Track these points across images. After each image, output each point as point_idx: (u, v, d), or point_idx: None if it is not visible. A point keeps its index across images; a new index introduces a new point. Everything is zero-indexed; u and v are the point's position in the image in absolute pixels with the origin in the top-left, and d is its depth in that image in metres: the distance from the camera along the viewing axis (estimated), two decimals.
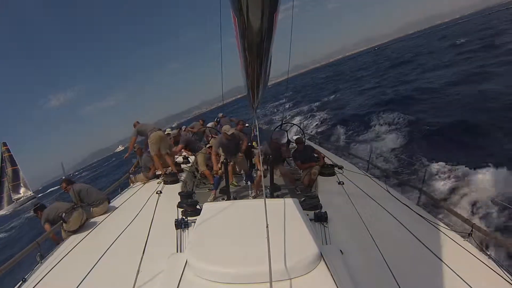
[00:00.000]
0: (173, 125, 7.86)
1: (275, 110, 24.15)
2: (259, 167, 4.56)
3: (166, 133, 6.90)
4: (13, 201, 36.92)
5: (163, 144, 5.29)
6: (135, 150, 5.59)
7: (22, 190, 38.58)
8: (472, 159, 6.54)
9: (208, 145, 6.04)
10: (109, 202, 4.15)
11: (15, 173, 38.53)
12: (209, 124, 7.97)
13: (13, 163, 38.74)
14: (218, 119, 8.16)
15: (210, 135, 7.20)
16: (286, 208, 2.41)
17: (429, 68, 18.81)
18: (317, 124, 15.28)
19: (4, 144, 38.40)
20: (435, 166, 6.86)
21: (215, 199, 4.69)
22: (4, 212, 35.04)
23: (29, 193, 38.77)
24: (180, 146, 5.77)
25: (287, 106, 22.96)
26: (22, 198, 37.57)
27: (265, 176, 4.38)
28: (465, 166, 6.32)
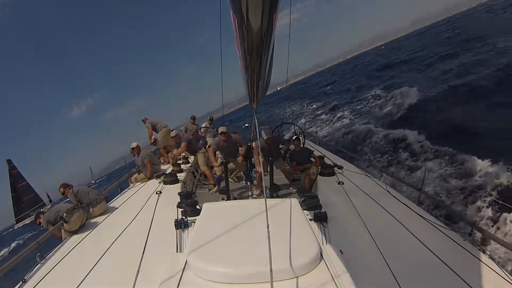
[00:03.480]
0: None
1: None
2: (258, 164, 4.56)
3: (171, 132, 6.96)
4: (31, 214, 37.65)
5: (168, 139, 6.50)
6: (134, 147, 5.56)
7: (35, 201, 39.12)
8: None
9: (208, 145, 6.05)
10: (107, 202, 4.15)
11: (26, 188, 39.15)
12: (204, 124, 8.01)
13: (21, 179, 39.40)
14: (211, 117, 8.29)
15: (204, 133, 7.27)
16: (286, 208, 2.41)
17: None
18: None
19: (9, 162, 39.17)
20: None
21: (216, 192, 4.95)
22: (21, 225, 35.54)
23: (47, 206, 39.37)
24: (183, 144, 5.69)
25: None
26: (41, 209, 37.85)
27: (264, 173, 4.38)
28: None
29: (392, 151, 8.94)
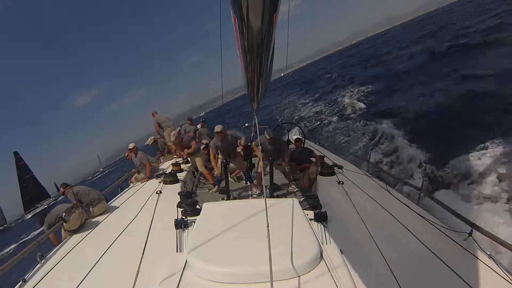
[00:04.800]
0: (194, 118, 8.08)
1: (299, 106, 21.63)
2: (258, 155, 4.57)
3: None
4: (37, 206, 37.62)
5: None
6: (131, 148, 5.56)
7: (40, 193, 39.31)
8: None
9: (203, 147, 6.05)
10: (107, 201, 4.16)
11: (31, 180, 39.42)
12: (197, 126, 8.05)
13: (28, 171, 39.69)
14: (203, 119, 8.35)
15: (198, 137, 7.31)
16: (286, 208, 2.41)
17: None
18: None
19: (16, 154, 39.46)
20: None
21: (216, 192, 4.97)
22: (31, 215, 35.62)
23: (51, 198, 39.33)
24: (194, 143, 5.65)
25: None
26: (47, 201, 38.06)
27: (264, 174, 4.38)
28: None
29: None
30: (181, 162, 6.06)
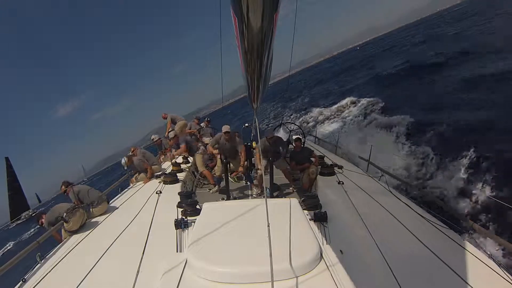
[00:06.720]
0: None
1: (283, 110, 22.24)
2: (258, 164, 4.56)
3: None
4: (22, 217, 37.71)
5: (183, 131, 7.16)
6: (126, 161, 5.41)
7: (22, 204, 39.27)
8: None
9: (207, 144, 6.07)
10: (108, 202, 4.15)
11: (17, 189, 39.51)
12: (201, 124, 8.10)
13: (15, 178, 39.81)
14: (208, 119, 8.52)
15: (200, 135, 7.33)
16: (286, 208, 2.41)
17: None
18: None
19: (7, 160, 39.55)
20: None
21: (216, 192, 5.01)
22: (20, 221, 35.85)
23: (30, 211, 39.54)
24: (183, 146, 5.74)
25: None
26: (27, 213, 38.27)
27: (265, 174, 4.38)
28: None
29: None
30: (181, 162, 6.06)
